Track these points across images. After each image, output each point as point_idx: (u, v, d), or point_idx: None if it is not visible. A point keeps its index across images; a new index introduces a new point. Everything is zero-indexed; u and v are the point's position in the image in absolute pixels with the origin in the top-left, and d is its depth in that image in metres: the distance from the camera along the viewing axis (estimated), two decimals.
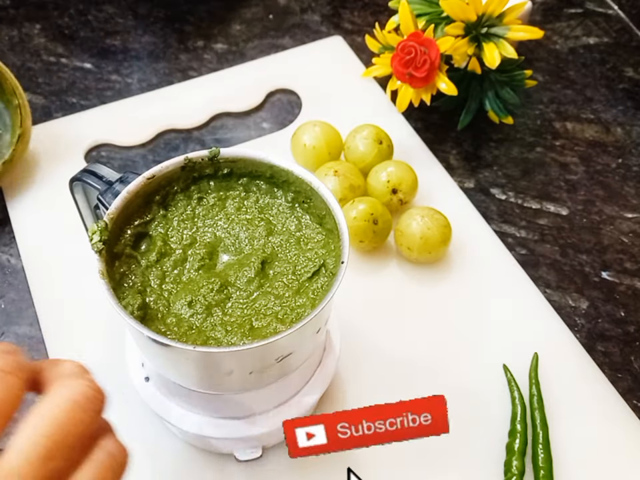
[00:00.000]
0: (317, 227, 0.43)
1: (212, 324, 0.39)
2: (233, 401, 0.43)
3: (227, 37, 0.72)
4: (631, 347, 0.53)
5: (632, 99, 0.68)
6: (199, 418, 0.44)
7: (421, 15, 0.60)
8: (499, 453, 0.47)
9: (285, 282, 0.41)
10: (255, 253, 0.42)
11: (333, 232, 0.42)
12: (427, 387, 0.50)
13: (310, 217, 0.44)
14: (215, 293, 0.40)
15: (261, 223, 0.43)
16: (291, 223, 0.44)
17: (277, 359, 0.39)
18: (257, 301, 0.40)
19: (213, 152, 0.43)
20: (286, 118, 0.65)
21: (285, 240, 0.43)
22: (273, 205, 0.44)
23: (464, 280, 0.55)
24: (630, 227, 0.59)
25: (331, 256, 0.42)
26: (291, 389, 0.44)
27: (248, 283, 0.41)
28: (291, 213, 0.44)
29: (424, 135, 0.64)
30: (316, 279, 0.41)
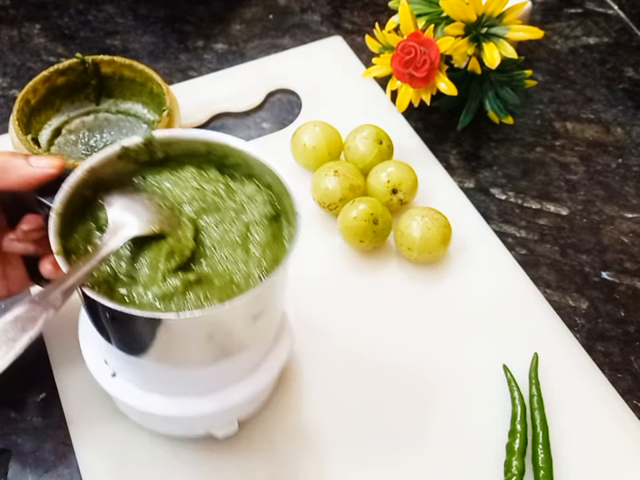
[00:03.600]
0: (263, 194, 0.44)
1: (177, 295, 0.39)
2: (199, 377, 0.43)
3: (227, 37, 0.72)
4: (630, 347, 0.53)
5: (632, 99, 0.68)
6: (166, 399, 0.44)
7: (421, 15, 0.60)
8: (499, 452, 0.47)
9: (243, 248, 0.42)
10: (205, 228, 0.42)
11: (282, 194, 0.42)
12: (427, 387, 0.50)
13: (255, 186, 0.44)
14: (175, 264, 0.40)
15: (209, 198, 0.43)
16: (237, 195, 0.44)
17: (246, 319, 0.40)
18: (217, 267, 0.41)
19: (147, 137, 0.43)
20: (286, 118, 0.66)
21: (235, 211, 0.43)
22: (216, 181, 0.44)
23: (464, 280, 0.55)
24: (630, 226, 0.59)
25: (285, 217, 0.43)
26: (248, 365, 0.45)
27: (205, 251, 0.41)
28: (236, 185, 0.44)
29: (424, 135, 0.64)
30: (275, 241, 0.42)
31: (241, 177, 0.45)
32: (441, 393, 0.50)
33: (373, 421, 0.49)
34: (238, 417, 0.46)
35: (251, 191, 0.44)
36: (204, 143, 0.44)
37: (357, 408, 0.49)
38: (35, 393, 0.50)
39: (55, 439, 0.48)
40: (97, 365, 0.45)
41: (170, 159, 0.45)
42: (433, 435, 0.48)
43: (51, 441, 0.48)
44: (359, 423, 0.48)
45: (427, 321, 0.53)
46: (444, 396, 0.50)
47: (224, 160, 0.45)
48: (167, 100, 0.57)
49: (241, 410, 0.46)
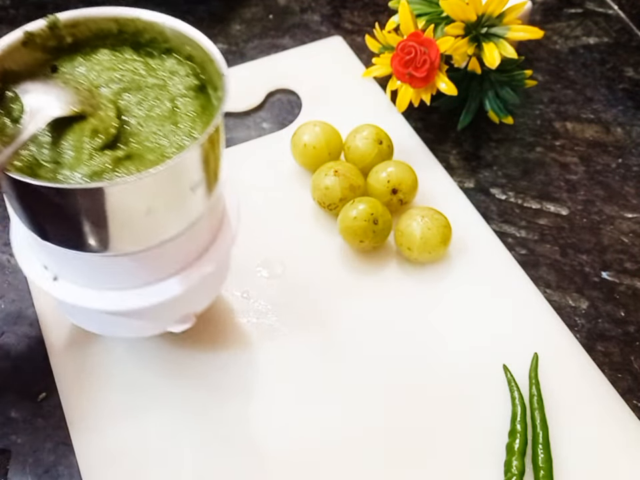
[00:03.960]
0: (185, 66, 0.43)
1: (107, 172, 0.39)
2: (143, 265, 0.42)
3: (226, 37, 0.72)
4: (631, 347, 0.53)
5: (632, 98, 0.68)
6: (111, 294, 0.43)
7: (421, 14, 0.60)
8: (499, 452, 0.47)
9: (172, 117, 0.42)
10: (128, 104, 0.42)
11: (205, 62, 0.42)
12: (426, 387, 0.50)
13: (175, 60, 0.44)
14: (102, 143, 0.40)
15: (128, 78, 0.43)
16: (158, 71, 0.43)
17: (184, 189, 0.39)
18: (146, 143, 0.41)
19: (50, 19, 0.42)
20: (286, 118, 0.66)
21: (158, 87, 0.43)
22: (133, 60, 0.44)
23: (464, 280, 0.55)
24: (630, 226, 0.59)
25: (212, 85, 0.42)
26: (186, 257, 0.44)
27: (132, 129, 0.41)
28: (155, 62, 0.44)
29: (424, 135, 0.64)
30: (204, 112, 0.42)
31: (159, 53, 0.44)
32: (440, 392, 0.50)
33: (372, 420, 0.49)
34: (192, 310, 0.46)
35: (171, 65, 0.44)
36: (113, 20, 0.43)
37: (355, 407, 0.49)
38: (35, 392, 0.50)
39: (55, 439, 0.48)
40: (37, 272, 0.44)
41: (80, 43, 0.44)
42: (432, 435, 0.48)
43: (51, 440, 0.48)
44: (357, 422, 0.48)
45: (427, 320, 0.53)
46: (443, 396, 0.50)
47: (138, 37, 0.44)
48: None
49: (191, 302, 0.46)
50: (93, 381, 0.50)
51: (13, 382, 0.51)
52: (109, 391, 0.49)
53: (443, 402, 0.49)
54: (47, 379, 0.50)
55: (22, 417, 0.49)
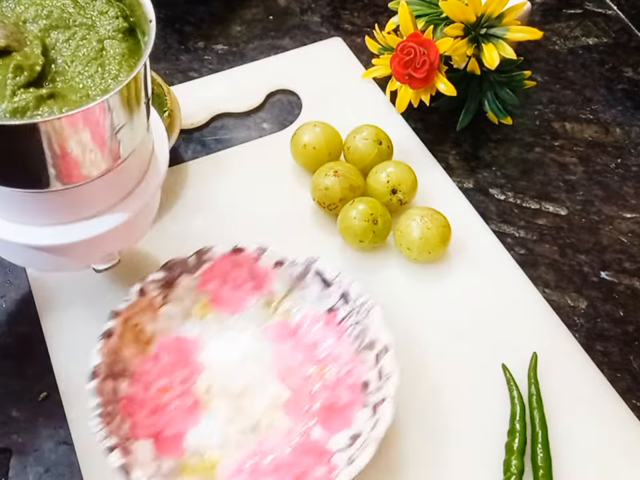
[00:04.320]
0: (114, 7, 0.43)
1: (29, 110, 0.39)
2: (66, 202, 0.42)
3: (227, 38, 0.72)
4: (630, 346, 0.53)
5: (631, 99, 0.68)
6: (38, 229, 0.43)
7: (421, 15, 0.60)
8: (498, 452, 0.47)
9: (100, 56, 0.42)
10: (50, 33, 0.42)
11: (134, 5, 0.42)
12: (426, 386, 0.50)
13: (105, 0, 0.43)
14: (25, 80, 0.39)
15: (56, 14, 0.43)
16: (87, 10, 0.43)
17: (107, 130, 0.39)
18: (72, 82, 0.40)
19: None
20: (286, 118, 0.66)
21: (86, 27, 0.43)
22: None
23: (463, 280, 0.55)
24: (629, 226, 0.60)
25: (140, 29, 0.43)
26: (110, 197, 0.44)
27: (58, 68, 0.41)
28: (84, 1, 0.43)
29: (423, 136, 0.64)
30: (132, 55, 0.42)
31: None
32: (440, 392, 0.50)
33: None
34: (117, 248, 0.47)
35: (101, 5, 0.43)
36: None
37: None
38: (35, 392, 0.50)
39: (56, 438, 0.48)
40: None
41: None
42: (431, 434, 0.48)
43: (52, 440, 0.48)
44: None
45: (426, 320, 0.53)
46: (443, 395, 0.50)
47: None
48: (168, 101, 0.58)
49: (115, 241, 0.46)
50: None
51: (13, 381, 0.51)
52: None
53: (442, 401, 0.50)
54: (48, 378, 0.50)
55: (23, 416, 0.49)
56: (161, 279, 0.49)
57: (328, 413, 0.47)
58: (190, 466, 0.45)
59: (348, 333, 0.49)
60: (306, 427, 0.47)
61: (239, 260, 0.51)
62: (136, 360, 0.48)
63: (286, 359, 0.50)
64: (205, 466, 0.45)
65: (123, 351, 0.47)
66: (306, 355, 0.50)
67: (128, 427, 0.45)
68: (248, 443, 0.46)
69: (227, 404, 0.48)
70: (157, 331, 0.49)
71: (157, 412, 0.47)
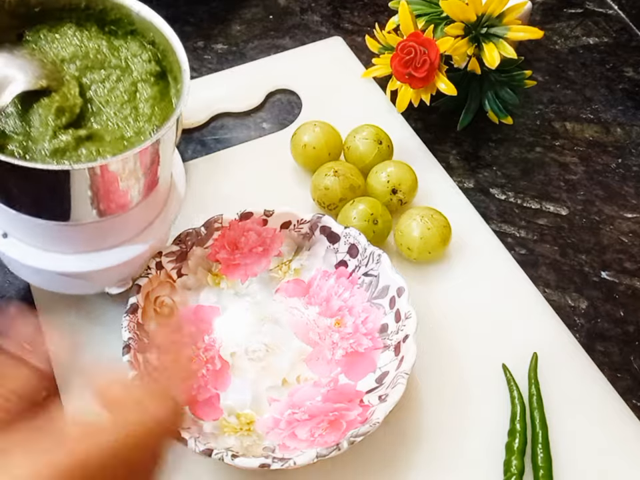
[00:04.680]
0: (148, 51, 0.44)
1: (69, 150, 0.40)
2: (90, 235, 0.44)
3: (227, 37, 0.72)
4: (630, 346, 0.53)
5: (632, 99, 0.68)
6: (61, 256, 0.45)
7: (421, 15, 0.60)
8: (498, 452, 0.47)
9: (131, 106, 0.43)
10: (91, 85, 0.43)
11: (167, 51, 0.43)
12: (426, 386, 0.50)
13: (139, 43, 0.44)
14: (66, 121, 0.41)
15: (91, 55, 0.44)
16: (121, 52, 0.44)
17: (136, 174, 0.41)
18: (107, 124, 0.42)
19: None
20: (286, 118, 0.66)
21: (120, 69, 0.43)
22: (97, 38, 0.44)
23: (463, 280, 0.55)
24: (629, 226, 0.59)
25: (172, 75, 0.44)
26: (130, 231, 0.46)
27: (94, 108, 0.42)
28: (119, 42, 0.44)
29: (423, 135, 0.64)
30: (163, 98, 0.43)
31: (124, 34, 0.45)
32: (440, 392, 0.50)
33: None
34: (132, 274, 0.48)
35: (135, 47, 0.44)
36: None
37: None
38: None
39: None
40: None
41: (47, 13, 0.44)
42: (431, 434, 0.48)
43: None
44: None
45: (426, 320, 0.53)
46: (443, 395, 0.50)
47: (104, 15, 0.44)
48: None
49: (131, 269, 0.48)
50: None
51: None
52: None
53: (442, 401, 0.50)
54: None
55: None
56: (175, 252, 0.51)
57: (351, 360, 0.50)
58: (229, 425, 0.47)
59: (359, 284, 0.52)
60: (332, 377, 0.49)
61: (247, 226, 0.53)
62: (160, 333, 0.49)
63: (302, 316, 0.52)
64: (242, 423, 0.47)
65: (147, 325, 0.49)
66: (321, 310, 0.52)
67: None
68: (279, 397, 0.48)
69: (253, 365, 0.50)
70: (176, 302, 0.51)
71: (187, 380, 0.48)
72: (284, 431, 0.46)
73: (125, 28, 0.45)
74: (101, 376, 0.32)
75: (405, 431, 0.48)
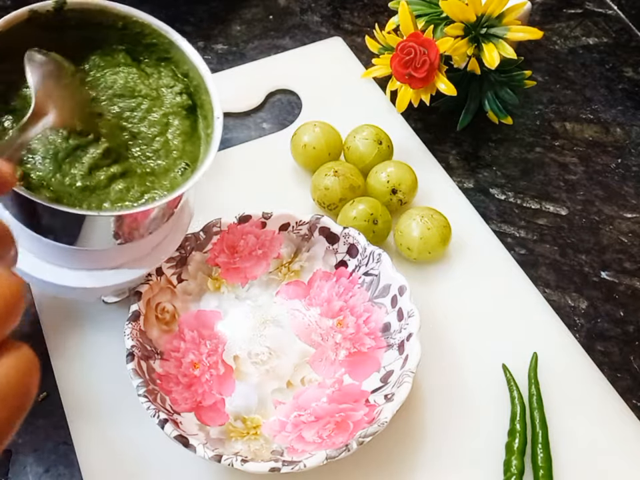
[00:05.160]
0: (180, 83, 0.43)
1: (99, 187, 0.40)
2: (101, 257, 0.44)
3: (227, 38, 0.72)
4: (630, 346, 0.53)
5: (631, 99, 0.68)
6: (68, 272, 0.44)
7: (421, 15, 0.60)
8: (498, 452, 0.47)
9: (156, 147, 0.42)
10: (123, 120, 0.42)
11: (200, 88, 0.42)
12: (426, 386, 0.50)
13: (172, 73, 0.43)
14: (98, 156, 0.40)
15: (122, 81, 0.42)
16: (153, 80, 0.43)
17: (158, 214, 0.42)
18: (138, 157, 0.41)
19: (59, 2, 0.41)
20: (286, 118, 0.66)
21: (152, 99, 0.42)
22: (130, 65, 0.43)
23: (463, 280, 0.55)
24: (629, 226, 0.60)
25: (202, 112, 0.42)
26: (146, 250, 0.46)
27: (126, 140, 0.41)
28: (151, 70, 0.43)
29: (423, 136, 0.64)
30: (193, 134, 0.42)
31: (157, 60, 0.44)
32: (439, 392, 0.50)
33: None
34: (129, 287, 0.49)
35: (167, 78, 0.43)
36: (120, 16, 0.42)
37: None
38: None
39: (56, 439, 0.48)
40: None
41: (84, 37, 0.43)
42: (431, 434, 0.48)
43: (52, 440, 0.48)
44: None
45: (427, 320, 0.53)
46: (443, 395, 0.50)
47: (140, 38, 0.43)
48: None
49: (135, 283, 0.48)
50: (94, 380, 0.50)
51: None
52: (110, 391, 0.49)
53: (442, 401, 0.50)
54: (48, 378, 0.50)
55: None
56: (175, 257, 0.51)
57: (355, 360, 0.50)
58: (236, 430, 0.47)
59: (360, 283, 0.52)
60: (336, 378, 0.49)
61: (245, 229, 0.53)
62: (162, 340, 0.49)
63: (304, 317, 0.52)
64: (249, 427, 0.47)
65: (149, 332, 0.49)
66: (322, 311, 0.52)
67: (169, 403, 0.46)
68: (285, 400, 0.48)
69: (257, 368, 0.50)
70: (177, 309, 0.51)
71: (192, 386, 0.48)
72: (291, 434, 0.46)
73: (159, 53, 0.43)
74: None
75: (405, 431, 0.48)
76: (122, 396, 0.48)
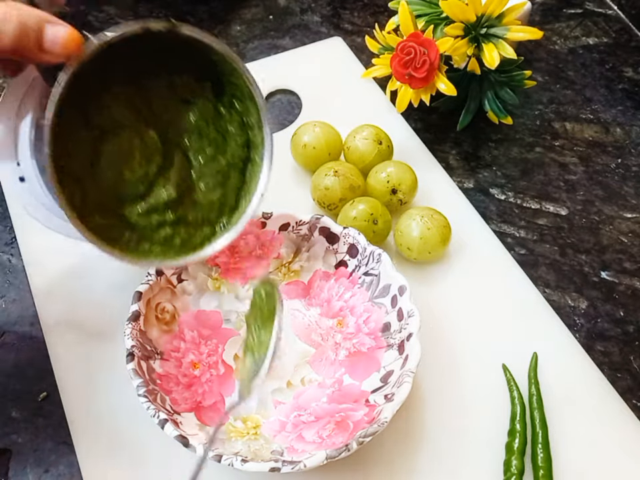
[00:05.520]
0: (244, 134, 0.42)
1: (153, 230, 0.40)
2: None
3: (227, 38, 0.72)
4: (630, 346, 0.53)
5: (631, 99, 0.68)
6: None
7: (421, 15, 0.60)
8: (498, 452, 0.47)
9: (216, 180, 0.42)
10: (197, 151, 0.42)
11: (258, 147, 0.41)
12: (426, 386, 0.50)
13: (240, 121, 0.42)
14: (164, 200, 0.40)
15: (194, 119, 0.42)
16: (223, 122, 0.42)
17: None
18: (198, 195, 0.41)
19: (172, 24, 0.40)
20: (286, 118, 0.66)
21: (216, 144, 0.42)
22: (207, 100, 0.42)
23: (463, 280, 0.55)
24: (629, 226, 0.60)
25: (255, 164, 0.42)
26: None
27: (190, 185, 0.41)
28: (225, 110, 0.42)
29: (423, 136, 0.64)
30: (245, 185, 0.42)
31: (230, 101, 0.42)
32: (440, 392, 0.50)
33: None
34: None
35: (235, 125, 0.42)
36: (220, 54, 0.41)
37: None
38: (35, 392, 0.50)
39: (56, 439, 0.48)
40: (8, 167, 0.42)
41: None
42: (432, 434, 0.48)
43: (52, 440, 0.48)
44: None
45: (426, 320, 0.53)
46: (443, 395, 0.50)
47: (228, 75, 0.41)
48: None
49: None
50: (94, 380, 0.50)
51: (13, 381, 0.51)
52: (110, 391, 0.49)
53: (442, 401, 0.50)
54: (48, 378, 0.50)
55: (22, 416, 0.49)
56: None
57: (355, 360, 0.50)
58: (236, 429, 0.47)
59: (360, 283, 0.52)
60: (336, 378, 0.49)
61: (245, 229, 0.52)
62: (162, 340, 0.49)
63: (304, 317, 0.52)
64: (249, 427, 0.47)
65: (149, 332, 0.49)
66: (322, 311, 0.52)
67: (169, 403, 0.46)
68: (285, 400, 0.48)
69: None
70: (177, 308, 0.51)
71: (192, 386, 0.48)
72: (291, 434, 0.46)
73: (237, 95, 0.41)
74: None
75: (405, 430, 0.48)
76: (122, 396, 0.48)
